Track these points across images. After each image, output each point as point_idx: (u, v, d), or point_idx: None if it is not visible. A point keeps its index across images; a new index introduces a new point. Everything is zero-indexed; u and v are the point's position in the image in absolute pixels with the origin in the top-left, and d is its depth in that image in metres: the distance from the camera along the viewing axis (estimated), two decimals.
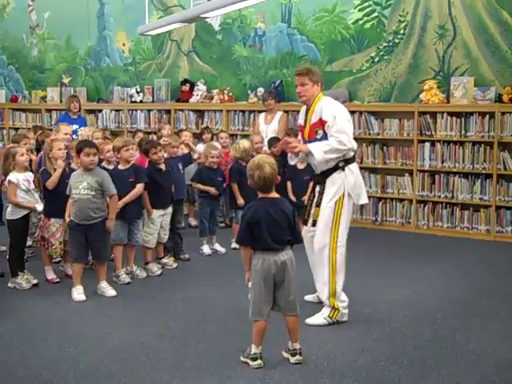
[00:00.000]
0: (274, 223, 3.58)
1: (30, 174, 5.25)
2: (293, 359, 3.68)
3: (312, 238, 4.43)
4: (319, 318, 4.32)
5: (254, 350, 3.64)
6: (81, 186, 4.90)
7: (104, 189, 4.94)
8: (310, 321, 4.30)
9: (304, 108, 4.56)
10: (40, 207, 5.17)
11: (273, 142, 6.85)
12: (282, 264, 3.59)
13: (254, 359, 3.62)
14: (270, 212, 3.58)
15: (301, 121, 4.57)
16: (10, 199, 5.06)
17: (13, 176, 5.06)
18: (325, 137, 4.31)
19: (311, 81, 4.37)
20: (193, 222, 7.54)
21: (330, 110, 4.32)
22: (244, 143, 6.49)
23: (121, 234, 5.36)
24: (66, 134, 5.98)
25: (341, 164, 4.34)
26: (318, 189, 4.45)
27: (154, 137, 7.44)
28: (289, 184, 6.59)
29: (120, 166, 5.43)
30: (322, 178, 4.41)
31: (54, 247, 5.17)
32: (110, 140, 6.21)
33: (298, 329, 3.73)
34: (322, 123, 4.31)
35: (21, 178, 5.08)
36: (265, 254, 3.60)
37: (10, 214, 5.12)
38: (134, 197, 5.37)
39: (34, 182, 5.23)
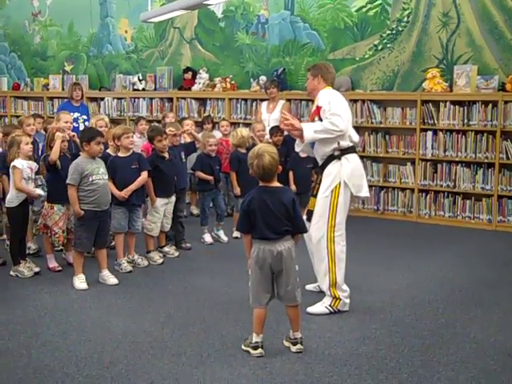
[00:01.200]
0: (270, 213, 3.56)
1: (35, 163, 5.24)
2: (294, 348, 3.69)
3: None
4: (320, 307, 4.34)
5: (254, 338, 3.65)
6: (100, 172, 4.95)
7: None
8: (311, 310, 4.31)
9: None
10: (41, 191, 5.18)
11: (274, 130, 6.84)
12: (278, 254, 3.58)
13: (255, 348, 3.63)
14: (267, 201, 3.57)
15: None
16: (15, 184, 5.03)
17: (18, 162, 5.06)
18: None
19: (311, 75, 4.54)
20: (195, 210, 7.55)
21: (326, 96, 4.39)
22: (242, 130, 6.51)
23: (122, 222, 5.37)
24: (67, 122, 5.95)
25: (336, 153, 4.34)
26: (318, 180, 4.47)
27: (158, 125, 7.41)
28: (291, 174, 6.58)
29: (120, 154, 5.42)
30: (320, 169, 4.44)
31: (57, 236, 5.16)
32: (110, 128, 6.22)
33: (299, 318, 3.73)
34: (318, 110, 4.38)
35: (25, 165, 5.09)
36: (261, 243, 3.60)
37: (10, 202, 5.12)
38: (139, 184, 5.37)
39: (38, 169, 5.25)
